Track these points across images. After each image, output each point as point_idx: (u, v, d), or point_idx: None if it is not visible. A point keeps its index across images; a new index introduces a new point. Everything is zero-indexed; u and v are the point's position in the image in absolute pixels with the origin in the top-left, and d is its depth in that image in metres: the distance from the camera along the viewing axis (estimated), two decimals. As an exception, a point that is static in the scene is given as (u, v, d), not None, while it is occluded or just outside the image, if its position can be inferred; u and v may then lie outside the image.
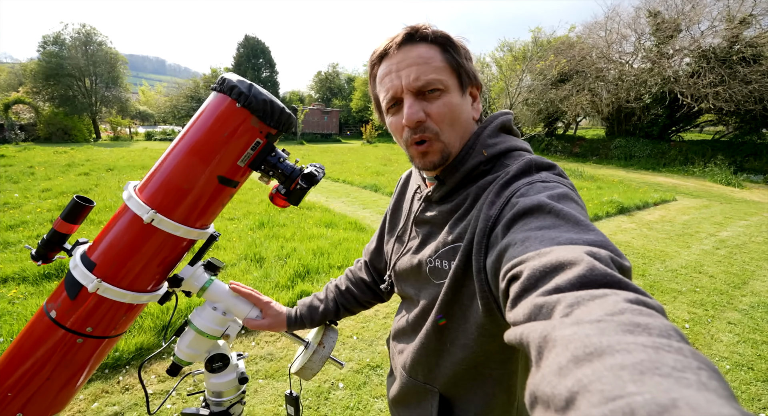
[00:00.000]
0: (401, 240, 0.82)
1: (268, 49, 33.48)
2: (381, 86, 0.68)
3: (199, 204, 0.78)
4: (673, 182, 11.73)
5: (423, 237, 0.75)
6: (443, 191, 0.70)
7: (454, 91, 0.65)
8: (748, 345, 2.81)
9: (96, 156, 12.43)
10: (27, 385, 0.76)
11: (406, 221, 0.82)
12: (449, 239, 0.67)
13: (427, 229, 0.75)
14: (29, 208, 5.49)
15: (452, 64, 0.64)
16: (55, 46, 23.24)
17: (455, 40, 0.65)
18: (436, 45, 0.64)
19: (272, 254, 3.96)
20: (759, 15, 14.19)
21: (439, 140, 0.65)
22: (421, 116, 0.63)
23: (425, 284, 0.73)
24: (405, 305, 0.83)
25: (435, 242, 0.70)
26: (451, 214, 0.69)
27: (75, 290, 0.74)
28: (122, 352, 2.34)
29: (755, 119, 14.58)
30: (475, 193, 0.66)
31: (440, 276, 0.68)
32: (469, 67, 0.67)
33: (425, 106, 0.64)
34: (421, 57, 0.63)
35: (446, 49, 0.65)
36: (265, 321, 0.92)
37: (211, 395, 0.93)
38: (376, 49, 0.68)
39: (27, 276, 3.27)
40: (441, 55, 0.64)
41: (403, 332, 0.81)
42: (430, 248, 0.71)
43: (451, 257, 0.66)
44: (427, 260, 0.71)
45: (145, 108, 34.84)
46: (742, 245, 5.28)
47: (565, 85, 18.11)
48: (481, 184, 0.66)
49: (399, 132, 0.68)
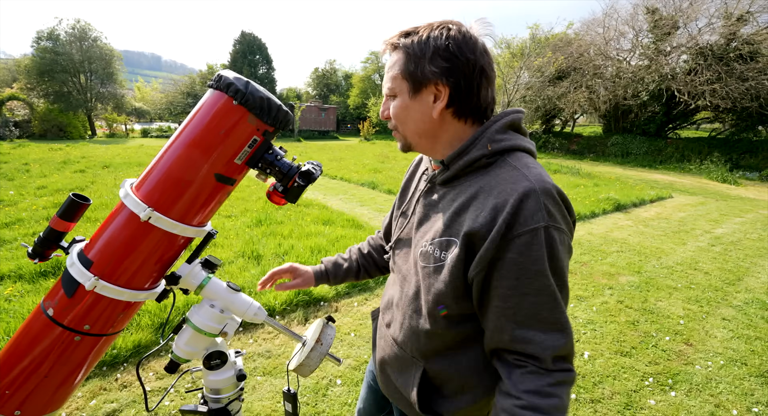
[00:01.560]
0: (405, 215, 0.90)
1: (265, 46, 33.26)
2: None
3: (196, 202, 0.78)
4: (669, 179, 11.78)
5: (421, 217, 0.82)
6: (447, 175, 0.77)
7: (404, 96, 0.74)
8: (742, 341, 2.84)
9: (92, 153, 12.35)
10: (25, 383, 0.76)
11: (410, 198, 0.90)
12: (446, 230, 0.73)
13: (427, 210, 0.81)
14: (25, 205, 5.45)
15: (405, 71, 0.72)
16: (49, 41, 22.97)
17: (419, 45, 0.70)
18: (402, 52, 0.72)
19: (270, 252, 3.96)
20: (756, 12, 14.22)
21: (398, 132, 0.79)
22: (387, 114, 0.78)
23: (415, 264, 0.80)
24: (398, 280, 0.88)
25: (433, 228, 0.77)
26: (452, 203, 0.75)
27: (72, 288, 0.74)
28: (120, 350, 2.33)
29: (751, 116, 14.63)
30: (477, 189, 0.71)
31: (428, 261, 0.75)
32: (421, 71, 0.70)
33: (390, 105, 0.77)
34: (390, 66, 0.75)
35: (408, 56, 0.71)
36: (296, 281, 1.08)
37: (210, 392, 0.94)
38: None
39: (23, 274, 3.25)
40: (401, 63, 0.72)
41: (396, 306, 0.88)
42: (427, 232, 0.78)
43: (444, 248, 0.73)
44: (422, 243, 0.78)
45: (141, 105, 34.54)
46: (737, 242, 5.32)
47: (563, 82, 18.10)
48: (484, 184, 0.71)
49: None
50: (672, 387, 2.30)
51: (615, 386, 2.29)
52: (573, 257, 4.41)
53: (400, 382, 0.86)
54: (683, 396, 2.24)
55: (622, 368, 2.46)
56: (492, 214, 0.65)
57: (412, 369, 0.82)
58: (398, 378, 0.87)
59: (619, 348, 2.68)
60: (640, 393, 2.24)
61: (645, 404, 2.16)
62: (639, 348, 2.69)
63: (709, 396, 2.25)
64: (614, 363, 2.51)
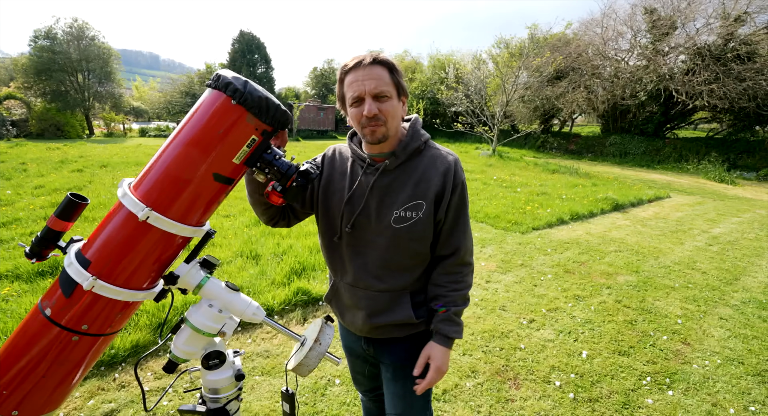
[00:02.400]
0: (354, 202, 1.09)
1: (264, 45, 33.17)
2: (348, 88, 1.01)
3: (195, 202, 0.78)
4: (667, 179, 11.82)
5: (381, 196, 1.07)
6: (398, 162, 1.07)
7: (394, 98, 1.02)
8: (739, 340, 2.85)
9: (89, 152, 12.31)
10: (22, 383, 0.76)
11: (355, 189, 1.09)
12: (412, 197, 1.06)
13: (385, 190, 1.07)
14: (22, 205, 5.43)
15: (394, 81, 1.02)
16: (46, 40, 22.84)
17: (396, 66, 1.03)
18: (386, 67, 1.00)
19: (268, 252, 3.95)
20: (754, 13, 14.26)
21: (384, 125, 1.01)
22: (376, 111, 0.99)
23: (386, 229, 1.07)
24: (361, 249, 1.10)
25: (398, 200, 1.06)
26: (408, 179, 1.07)
27: (70, 288, 0.74)
28: (118, 349, 2.33)
29: (749, 116, 14.68)
30: (423, 167, 1.08)
31: (402, 222, 1.06)
32: (403, 84, 1.04)
33: (378, 105, 0.99)
34: (378, 74, 0.99)
35: (391, 71, 1.01)
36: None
37: (208, 392, 0.94)
38: (347, 63, 1.01)
39: (21, 274, 3.24)
40: (388, 74, 1.00)
41: (369, 266, 1.10)
42: (393, 204, 1.06)
43: (414, 209, 1.06)
44: (394, 211, 1.06)
45: (139, 104, 34.39)
46: (735, 241, 5.34)
47: (561, 82, 18.12)
48: (428, 160, 1.09)
49: (357, 119, 1.02)
50: (669, 387, 2.31)
51: (613, 385, 2.30)
52: (571, 257, 4.43)
53: (391, 318, 1.13)
54: (681, 395, 2.25)
55: (620, 367, 2.47)
56: (443, 178, 1.07)
57: (399, 298, 1.12)
58: (389, 316, 1.13)
59: (617, 347, 2.69)
60: (638, 393, 2.25)
61: (643, 403, 2.17)
62: (637, 347, 2.70)
63: (707, 395, 2.26)
64: (612, 362, 2.52)
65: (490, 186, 8.43)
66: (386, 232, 1.07)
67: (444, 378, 2.30)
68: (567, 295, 3.47)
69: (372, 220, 1.07)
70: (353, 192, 1.09)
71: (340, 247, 1.14)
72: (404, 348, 1.17)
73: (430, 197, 1.06)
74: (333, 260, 1.18)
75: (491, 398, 2.16)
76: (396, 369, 1.19)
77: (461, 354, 2.54)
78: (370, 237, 1.09)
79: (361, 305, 1.14)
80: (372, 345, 1.22)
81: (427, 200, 1.05)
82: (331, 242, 1.15)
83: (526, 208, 6.46)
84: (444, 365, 1.10)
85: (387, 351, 1.20)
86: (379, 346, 1.21)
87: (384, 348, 1.21)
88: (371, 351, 1.24)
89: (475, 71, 17.49)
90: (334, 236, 1.13)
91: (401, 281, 1.12)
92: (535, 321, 3.02)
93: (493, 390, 2.22)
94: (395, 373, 1.19)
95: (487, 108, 16.51)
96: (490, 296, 3.38)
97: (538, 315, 3.11)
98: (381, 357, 1.23)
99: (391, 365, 1.21)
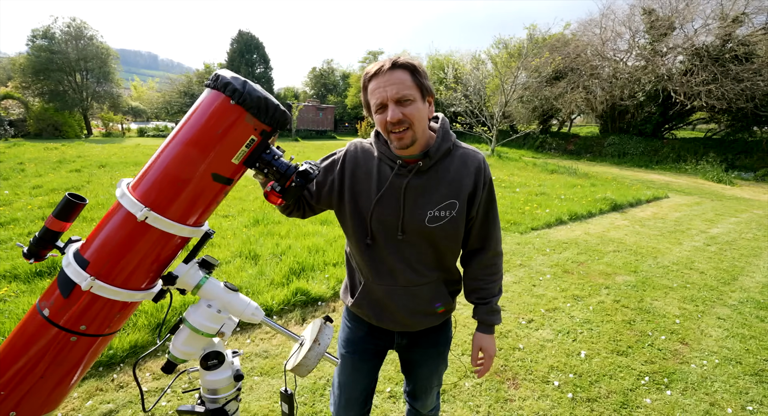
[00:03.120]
0: (384, 203, 1.10)
1: (262, 45, 33.15)
2: (372, 96, 1.02)
3: (193, 202, 0.77)
4: (665, 179, 11.85)
5: (416, 196, 1.09)
6: (431, 163, 1.08)
7: (418, 101, 1.02)
8: (737, 340, 2.86)
9: (87, 152, 12.27)
10: (20, 384, 0.76)
11: (385, 190, 1.09)
12: (447, 197, 1.09)
13: (419, 190, 1.09)
14: (20, 205, 5.42)
15: (417, 83, 1.01)
16: (44, 40, 22.79)
17: (418, 67, 1.02)
18: (407, 70, 1.00)
19: (267, 252, 3.95)
20: (751, 13, 14.32)
21: (411, 129, 1.02)
22: (400, 116, 0.99)
23: (421, 228, 1.09)
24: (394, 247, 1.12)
25: (432, 200, 1.08)
26: (441, 179, 1.09)
27: (68, 288, 0.74)
28: (116, 350, 2.32)
29: (746, 116, 14.72)
30: (456, 166, 1.10)
31: (437, 221, 1.09)
32: (427, 84, 1.03)
33: (402, 109, 0.99)
34: (399, 79, 0.99)
35: (413, 74, 1.00)
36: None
37: (207, 392, 0.94)
38: (369, 70, 1.02)
39: (18, 274, 3.23)
40: (411, 77, 1.00)
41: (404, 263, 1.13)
42: (427, 204, 1.09)
43: (448, 208, 1.09)
44: (428, 212, 1.08)
45: (138, 104, 34.32)
46: (732, 241, 5.36)
47: (560, 82, 18.15)
48: (458, 160, 1.11)
49: (383, 125, 1.03)
50: (668, 386, 2.32)
51: (611, 385, 2.31)
52: (570, 257, 4.43)
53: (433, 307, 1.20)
54: (679, 394, 2.26)
55: (618, 367, 2.48)
56: (475, 177, 1.11)
57: (438, 288, 1.19)
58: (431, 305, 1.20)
59: (615, 347, 2.70)
60: (636, 392, 2.26)
61: (641, 403, 2.17)
62: (635, 347, 2.71)
63: (705, 395, 2.26)
64: (611, 362, 2.53)
65: (488, 186, 8.44)
66: (421, 231, 1.10)
67: (443, 378, 2.31)
68: (566, 295, 3.47)
69: (406, 220, 1.09)
70: (383, 193, 1.09)
71: (373, 248, 1.14)
72: (438, 332, 1.29)
73: (463, 197, 1.10)
74: (366, 261, 1.17)
75: (490, 398, 2.16)
76: (431, 354, 1.31)
77: (460, 354, 2.54)
78: (405, 236, 1.11)
79: (402, 301, 1.17)
80: (407, 337, 1.28)
81: (460, 199, 1.09)
82: (363, 244, 1.15)
83: (525, 208, 6.47)
84: (494, 350, 1.26)
85: (423, 338, 1.28)
86: (415, 337, 1.27)
87: (419, 338, 1.28)
88: (404, 342, 1.29)
89: (474, 71, 17.53)
90: (365, 237, 1.14)
91: (437, 274, 1.18)
92: (533, 320, 3.02)
93: (491, 389, 2.23)
94: (429, 356, 1.31)
95: (486, 108, 16.53)
96: (489, 297, 3.39)
97: (537, 314, 3.11)
98: (415, 345, 1.29)
99: (426, 351, 1.31)
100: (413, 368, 1.35)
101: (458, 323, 2.93)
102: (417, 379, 1.37)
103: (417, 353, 1.31)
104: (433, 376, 1.35)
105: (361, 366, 1.33)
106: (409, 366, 1.37)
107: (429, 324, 1.24)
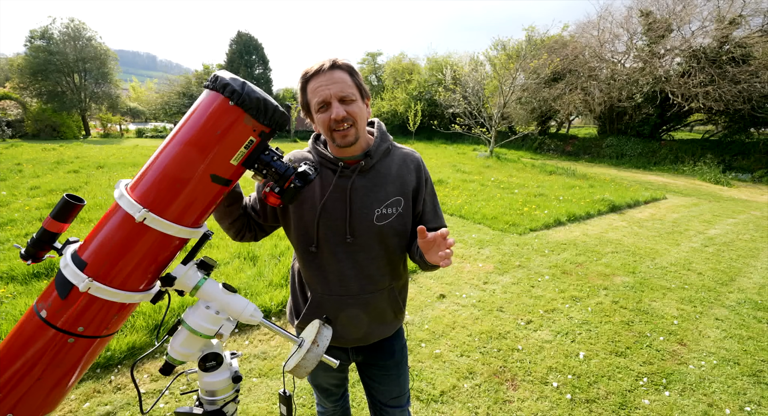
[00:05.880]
0: (329, 207, 1.09)
1: (262, 46, 33.14)
2: (313, 95, 1.02)
3: (192, 203, 0.77)
4: (663, 180, 11.88)
5: (361, 197, 1.09)
6: (373, 162, 1.11)
7: (359, 100, 1.04)
8: (735, 341, 2.87)
9: (86, 153, 12.24)
10: (17, 385, 0.75)
11: (330, 193, 1.09)
12: (391, 194, 1.11)
13: (364, 191, 1.10)
14: (17, 206, 5.40)
15: (356, 84, 1.04)
16: (42, 40, 22.73)
17: (356, 69, 1.05)
18: (346, 71, 1.02)
19: (266, 253, 3.95)
20: (748, 16, 14.38)
21: (354, 127, 1.03)
22: (344, 114, 1.00)
23: (369, 228, 1.09)
24: (345, 252, 1.10)
25: (377, 199, 1.10)
26: (383, 179, 1.11)
27: (66, 289, 0.74)
28: (114, 351, 2.32)
29: (744, 118, 14.78)
30: (396, 165, 1.14)
31: (384, 219, 1.11)
32: (363, 85, 1.07)
33: (345, 107, 1.00)
34: (340, 78, 1.00)
35: (352, 74, 1.03)
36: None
37: (205, 394, 0.93)
38: (308, 70, 1.02)
39: (16, 275, 3.22)
40: (350, 77, 1.03)
41: (356, 268, 1.12)
42: (373, 203, 1.09)
43: (394, 205, 1.11)
44: (376, 210, 1.09)
45: (136, 105, 34.26)
46: (730, 242, 5.37)
47: (558, 84, 18.19)
48: (398, 159, 1.16)
49: (326, 124, 1.02)
50: (666, 387, 2.32)
51: (610, 386, 2.31)
52: (568, 258, 4.44)
53: (388, 317, 1.21)
54: (677, 395, 2.26)
55: (616, 368, 2.48)
56: (416, 173, 1.16)
57: (386, 294, 1.18)
58: (386, 314, 1.20)
59: (613, 348, 2.70)
60: (635, 393, 2.26)
61: (639, 404, 2.18)
62: (633, 348, 2.71)
63: (703, 396, 2.27)
64: (609, 363, 2.53)
65: (487, 187, 8.45)
66: (370, 231, 1.10)
67: (442, 380, 2.30)
68: (564, 296, 3.48)
69: (355, 221, 1.09)
70: (328, 196, 1.09)
71: (319, 256, 1.12)
72: (393, 341, 1.28)
73: (407, 194, 1.13)
74: (314, 271, 1.14)
75: (489, 399, 2.16)
76: (389, 366, 1.29)
77: (459, 355, 2.54)
78: (354, 239, 1.10)
79: (354, 311, 1.15)
80: (362, 352, 1.26)
81: (405, 196, 1.13)
82: (309, 253, 1.12)
83: (524, 209, 6.48)
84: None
85: (379, 351, 1.27)
86: (369, 351, 1.26)
87: (375, 352, 1.26)
88: (360, 358, 1.27)
89: (473, 73, 17.56)
90: (310, 245, 1.11)
91: (388, 280, 1.18)
92: (532, 322, 3.02)
93: (490, 391, 2.23)
94: (389, 368, 1.29)
95: (485, 110, 16.56)
96: (488, 298, 3.39)
97: (536, 316, 3.12)
98: (371, 360, 1.28)
99: (385, 363, 1.28)
100: (377, 386, 1.33)
101: (457, 323, 2.93)
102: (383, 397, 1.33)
103: (375, 368, 1.30)
104: (395, 389, 1.33)
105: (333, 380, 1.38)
106: (370, 388, 1.35)
107: (382, 335, 1.23)
